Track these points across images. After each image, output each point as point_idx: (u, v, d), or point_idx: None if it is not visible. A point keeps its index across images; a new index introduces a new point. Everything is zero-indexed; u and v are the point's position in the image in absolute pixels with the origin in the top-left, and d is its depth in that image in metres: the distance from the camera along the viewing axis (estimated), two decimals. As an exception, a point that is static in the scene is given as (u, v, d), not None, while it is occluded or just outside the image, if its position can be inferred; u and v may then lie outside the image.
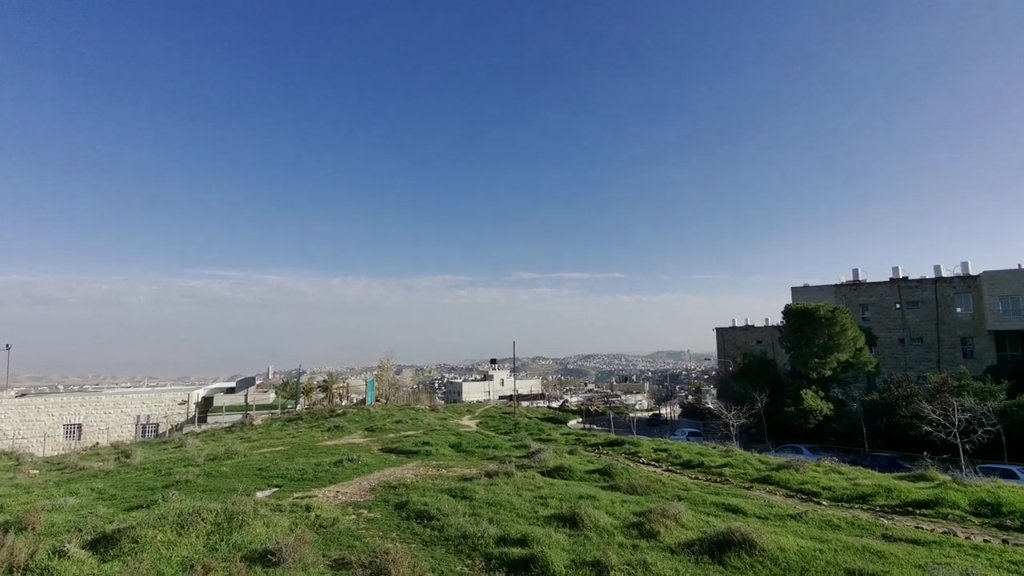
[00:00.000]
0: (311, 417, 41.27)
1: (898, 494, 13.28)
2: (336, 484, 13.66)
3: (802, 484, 14.83)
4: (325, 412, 42.78)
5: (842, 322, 46.74)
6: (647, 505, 10.97)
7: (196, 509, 8.10)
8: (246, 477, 15.02)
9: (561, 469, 15.92)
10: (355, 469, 15.76)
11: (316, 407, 47.90)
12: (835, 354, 46.56)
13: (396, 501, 11.40)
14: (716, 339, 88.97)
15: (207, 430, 42.79)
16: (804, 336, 48.85)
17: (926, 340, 55.02)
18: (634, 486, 13.67)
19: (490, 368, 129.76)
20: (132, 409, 48.65)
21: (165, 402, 48.91)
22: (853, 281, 60.12)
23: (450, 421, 43.43)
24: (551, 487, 13.30)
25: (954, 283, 53.95)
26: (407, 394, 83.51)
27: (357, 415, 39.98)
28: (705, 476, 16.86)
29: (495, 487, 12.83)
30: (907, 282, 56.48)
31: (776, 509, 11.66)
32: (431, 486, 13.00)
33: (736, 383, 53.24)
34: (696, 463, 18.99)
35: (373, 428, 32.28)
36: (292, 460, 17.95)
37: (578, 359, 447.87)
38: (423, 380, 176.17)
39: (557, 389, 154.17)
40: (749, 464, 18.04)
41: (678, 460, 19.99)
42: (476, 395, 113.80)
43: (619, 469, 15.59)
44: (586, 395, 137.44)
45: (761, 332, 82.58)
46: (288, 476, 14.71)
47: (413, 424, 35.38)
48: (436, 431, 31.48)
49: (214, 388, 54.69)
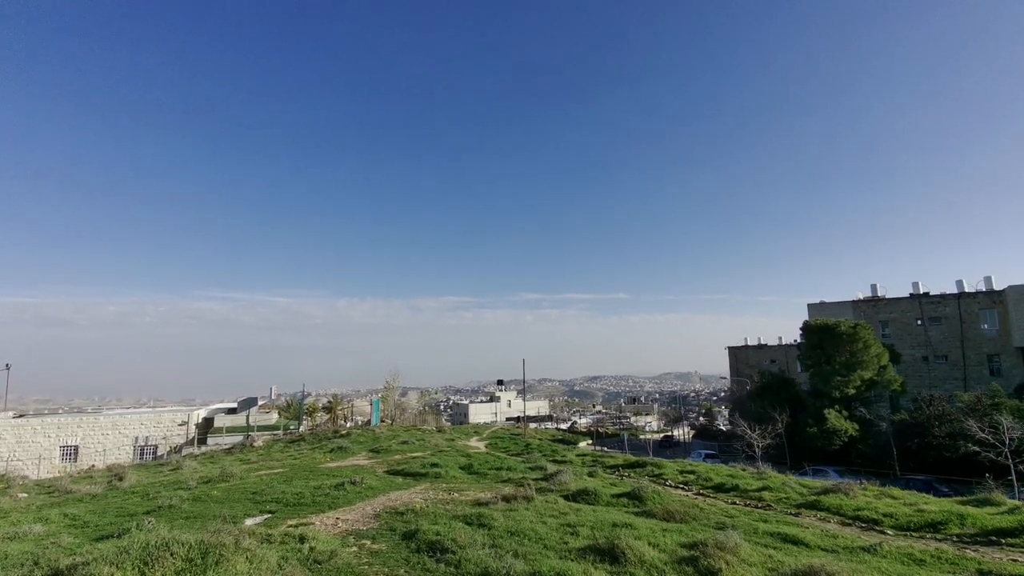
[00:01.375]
0: (314, 438, 39.71)
1: (973, 521, 11.67)
2: (336, 510, 12.14)
3: (857, 511, 13.20)
4: (328, 433, 41.19)
5: (865, 338, 44.99)
6: (694, 535, 9.45)
7: (165, 542, 6.67)
8: (238, 502, 13.56)
9: (585, 493, 14.35)
10: (358, 493, 14.26)
11: (319, 428, 46.30)
12: (858, 372, 44.72)
13: (404, 530, 9.90)
14: (728, 358, 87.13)
15: (206, 452, 41.25)
16: (825, 353, 47.04)
17: (951, 358, 53.02)
18: (670, 512, 12.11)
19: (497, 389, 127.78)
20: (130, 431, 47.21)
21: (164, 423, 47.44)
22: (872, 297, 58.41)
23: (458, 442, 41.68)
24: (577, 513, 11.77)
25: (978, 298, 52.15)
26: (413, 415, 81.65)
27: (361, 436, 38.37)
28: (743, 501, 15.23)
29: (515, 513, 11.33)
30: (928, 298, 54.71)
31: (841, 540, 10.09)
32: (443, 512, 11.50)
33: (754, 402, 51.28)
34: (729, 486, 17.34)
35: (378, 449, 30.70)
36: (290, 483, 16.47)
37: (585, 381, 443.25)
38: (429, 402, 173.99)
39: (565, 411, 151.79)
40: (789, 488, 16.39)
41: (709, 483, 18.31)
42: (483, 417, 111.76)
43: (649, 493, 14.02)
44: (595, 416, 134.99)
45: (775, 351, 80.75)
46: (284, 501, 13.20)
47: (420, 445, 33.75)
48: (444, 452, 29.86)
49: (215, 409, 53.23)
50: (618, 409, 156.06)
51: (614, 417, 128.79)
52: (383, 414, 53.93)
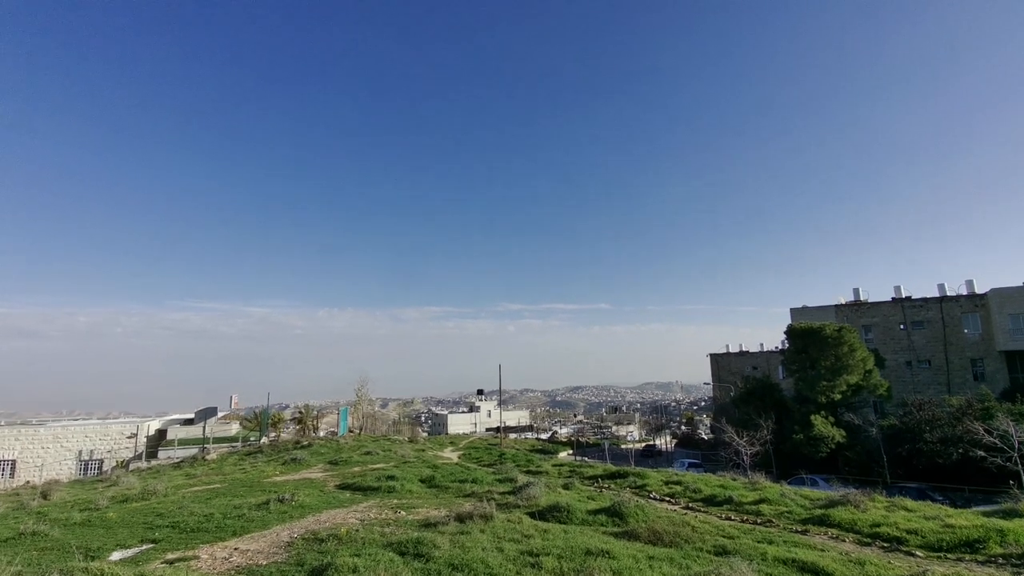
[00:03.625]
0: (273, 450, 36.76)
1: (1015, 539, 9.75)
2: (242, 536, 9.68)
3: (875, 527, 11.18)
4: (289, 444, 38.27)
5: (850, 342, 43.68)
6: (689, 566, 7.30)
7: None
8: (127, 527, 11.02)
9: (556, 509, 12.11)
10: (283, 513, 11.81)
11: (281, 439, 43.25)
12: (844, 376, 43.32)
13: (314, 564, 7.53)
14: (710, 365, 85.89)
15: (153, 466, 37.99)
16: (809, 358, 45.62)
17: (934, 362, 52.09)
18: (657, 532, 9.93)
19: (477, 399, 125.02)
20: (74, 443, 43.58)
21: (112, 436, 43.91)
22: (854, 301, 57.42)
23: (428, 453, 39.09)
24: (545, 536, 9.54)
25: (960, 302, 51.42)
26: (387, 425, 78.50)
27: (324, 447, 35.60)
28: (739, 516, 13.15)
29: (467, 537, 9.07)
30: (911, 302, 53.88)
31: (871, 568, 8.03)
32: (376, 537, 9.15)
33: (739, 409, 49.64)
34: (722, 498, 15.25)
35: (337, 461, 28.06)
36: (209, 503, 13.92)
37: (566, 391, 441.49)
38: (409, 413, 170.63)
39: (546, 421, 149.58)
40: (789, 500, 14.38)
41: (698, 495, 16.20)
42: (462, 427, 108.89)
43: (632, 508, 11.84)
44: (576, 426, 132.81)
45: (756, 358, 79.88)
46: (183, 526, 10.67)
47: (385, 456, 31.16)
48: (409, 464, 27.35)
49: (171, 420, 49.74)
50: (599, 419, 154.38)
51: (595, 427, 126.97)
52: (351, 424, 50.96)
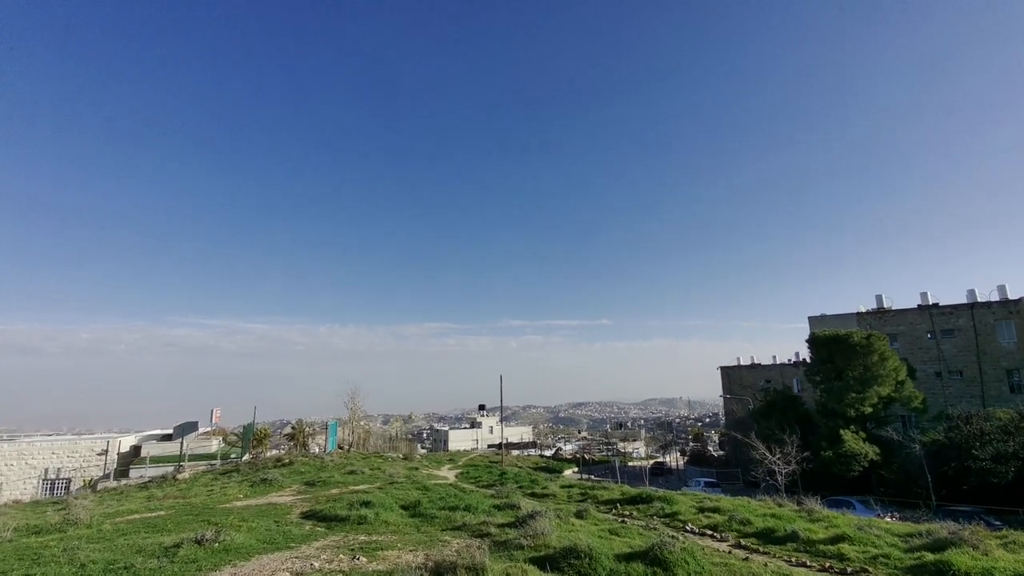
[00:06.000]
0: (250, 469, 33.38)
1: None
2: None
3: None
4: (269, 463, 34.86)
5: (881, 350, 40.30)
6: None
7: None
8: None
9: (574, 554, 8.82)
10: (189, 563, 8.58)
11: (263, 457, 39.85)
12: (874, 388, 39.87)
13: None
14: (721, 378, 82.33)
15: (120, 486, 34.64)
16: (835, 368, 42.23)
17: (966, 373, 48.61)
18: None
19: (479, 415, 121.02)
20: (40, 461, 40.25)
21: (81, 452, 40.58)
22: (877, 309, 54.08)
23: (422, 471, 35.65)
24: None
25: (992, 308, 48.08)
26: (384, 441, 74.93)
27: (304, 466, 32.22)
28: (817, 561, 9.84)
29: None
30: (939, 309, 50.54)
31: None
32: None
33: (758, 423, 46.10)
34: (782, 534, 11.89)
35: (315, 482, 24.70)
36: (120, 541, 10.70)
37: (569, 407, 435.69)
38: (410, 429, 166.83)
39: (549, 437, 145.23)
40: (875, 537, 11.07)
41: (748, 528, 12.83)
42: (463, 444, 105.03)
43: (677, 554, 8.55)
44: (580, 443, 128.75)
45: (769, 371, 76.46)
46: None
47: (370, 476, 27.78)
48: (396, 485, 24.00)
49: (147, 436, 46.38)
50: (604, 435, 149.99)
51: (600, 443, 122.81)
52: (341, 440, 47.51)
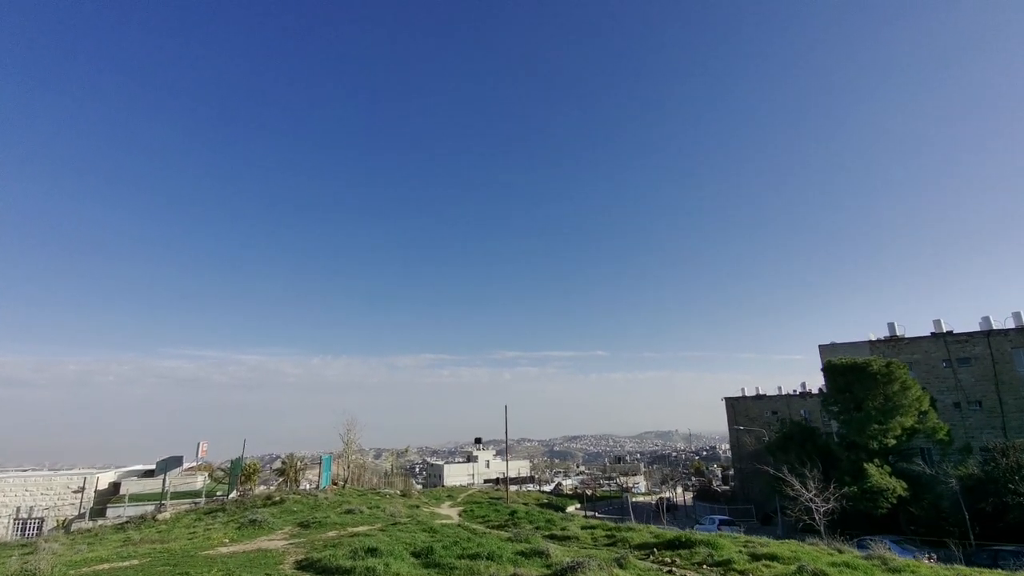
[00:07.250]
0: (238, 508, 30.87)
1: None
2: None
3: None
4: (258, 500, 32.33)
5: (902, 379, 38.71)
6: None
7: None
8: None
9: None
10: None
11: (251, 494, 37.19)
12: (897, 418, 38.10)
13: None
14: (726, 409, 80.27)
15: (95, 527, 31.90)
16: (854, 398, 40.49)
17: (985, 404, 46.93)
18: None
19: (475, 448, 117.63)
20: (12, 498, 37.35)
21: (55, 489, 37.72)
22: (890, 336, 52.63)
23: (424, 509, 33.22)
24: None
25: (1009, 336, 46.79)
26: (378, 477, 71.64)
27: (297, 504, 29.78)
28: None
29: None
30: (954, 336, 49.19)
31: None
32: None
33: (775, 457, 43.93)
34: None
35: (309, 523, 22.41)
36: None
37: (564, 440, 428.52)
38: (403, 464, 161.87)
39: (546, 471, 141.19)
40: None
41: (821, 580, 11.03)
42: (459, 478, 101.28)
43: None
44: (579, 477, 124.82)
45: (775, 402, 74.54)
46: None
47: (370, 515, 25.46)
48: (401, 526, 21.79)
49: (127, 472, 43.51)
50: (602, 469, 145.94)
51: (599, 478, 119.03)
52: (335, 475, 44.85)
